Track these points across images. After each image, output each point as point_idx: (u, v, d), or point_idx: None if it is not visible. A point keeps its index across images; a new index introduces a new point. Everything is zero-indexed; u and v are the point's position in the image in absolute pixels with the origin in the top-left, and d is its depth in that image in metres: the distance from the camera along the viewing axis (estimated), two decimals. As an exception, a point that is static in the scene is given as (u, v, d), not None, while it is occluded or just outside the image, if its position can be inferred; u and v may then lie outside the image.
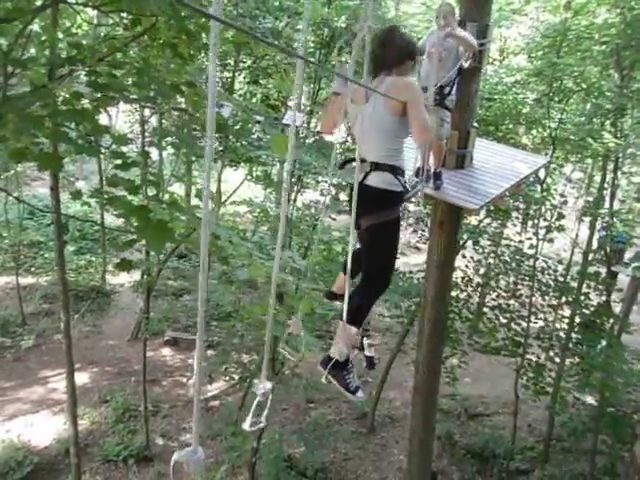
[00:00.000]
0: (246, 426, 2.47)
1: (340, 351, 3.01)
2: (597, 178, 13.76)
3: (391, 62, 3.05)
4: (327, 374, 3.04)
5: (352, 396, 2.99)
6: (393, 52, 3.06)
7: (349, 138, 7.97)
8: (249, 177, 12.32)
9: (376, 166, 3.04)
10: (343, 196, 10.57)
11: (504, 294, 10.76)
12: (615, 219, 10.85)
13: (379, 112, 2.99)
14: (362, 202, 2.80)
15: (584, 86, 10.62)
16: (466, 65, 5.02)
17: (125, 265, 3.28)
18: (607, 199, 11.77)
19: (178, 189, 14.10)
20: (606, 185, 12.11)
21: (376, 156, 3.04)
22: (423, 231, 12.47)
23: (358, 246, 3.25)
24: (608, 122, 11.01)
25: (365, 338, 3.69)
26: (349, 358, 3.07)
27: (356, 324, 3.12)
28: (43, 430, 10.66)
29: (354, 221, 2.84)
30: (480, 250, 10.84)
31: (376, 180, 3.03)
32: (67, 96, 2.90)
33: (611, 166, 11.80)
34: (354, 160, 5.85)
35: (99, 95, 2.90)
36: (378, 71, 3.12)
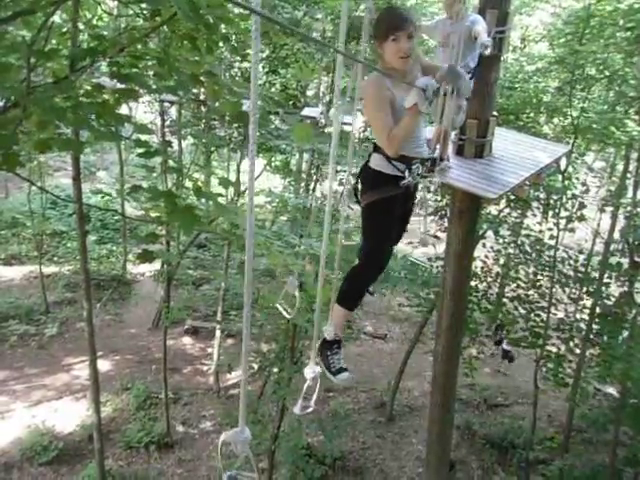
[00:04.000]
0: (297, 410, 2.47)
1: (328, 330, 2.98)
2: (620, 167, 13.56)
3: (375, 48, 2.81)
4: (317, 352, 3.03)
5: (332, 377, 2.90)
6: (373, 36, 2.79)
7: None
8: (268, 167, 12.34)
9: (374, 147, 2.99)
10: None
11: (524, 285, 10.67)
12: (638, 209, 10.69)
13: None
14: (361, 181, 3.01)
15: (607, 73, 10.44)
16: (487, 52, 4.96)
17: (146, 256, 3.33)
18: (630, 188, 11.60)
19: (197, 178, 14.18)
20: (629, 174, 11.92)
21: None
22: (442, 219, 12.41)
23: None
24: (632, 110, 10.82)
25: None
26: (339, 339, 2.99)
27: (345, 305, 3.00)
28: (67, 416, 10.87)
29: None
30: (500, 240, 10.77)
31: (373, 161, 2.98)
32: (89, 88, 2.94)
33: (634, 155, 11.61)
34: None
35: (121, 87, 2.93)
36: None
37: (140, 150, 3.05)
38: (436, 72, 2.76)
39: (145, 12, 3.75)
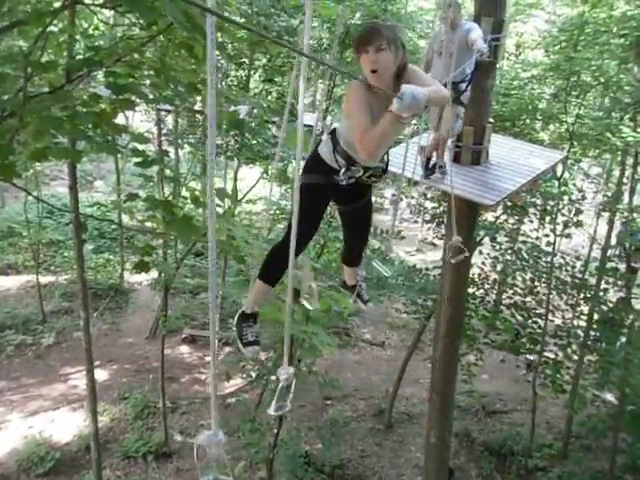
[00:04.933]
0: (271, 411, 2.49)
1: (247, 302, 3.09)
2: (616, 173, 13.61)
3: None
4: (234, 322, 3.10)
5: (242, 347, 3.00)
6: None
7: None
8: (265, 175, 12.35)
9: (330, 132, 2.93)
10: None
11: (521, 291, 10.68)
12: (634, 214, 10.72)
13: None
14: (305, 163, 2.97)
15: (602, 80, 10.49)
16: (483, 58, 4.99)
17: (143, 266, 3.33)
18: (626, 194, 11.64)
19: (195, 187, 14.20)
20: (625, 180, 11.97)
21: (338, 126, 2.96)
22: (439, 226, 12.43)
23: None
24: (627, 116, 10.87)
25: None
26: (255, 313, 3.10)
27: (264, 279, 3.07)
28: (64, 426, 10.81)
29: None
30: (497, 247, 10.78)
31: (321, 145, 2.94)
32: (85, 98, 2.94)
33: (630, 161, 11.66)
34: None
35: (117, 97, 2.93)
36: None
37: (137, 159, 3.05)
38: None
39: (141, 21, 3.76)
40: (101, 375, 11.85)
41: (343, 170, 2.85)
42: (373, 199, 3.38)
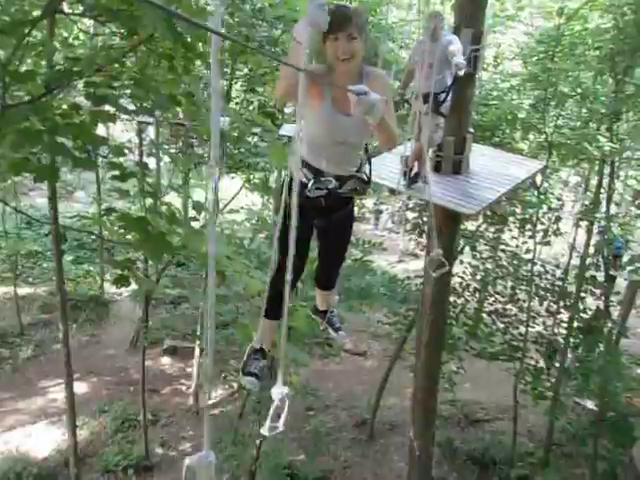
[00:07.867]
0: (264, 431, 2.43)
1: (256, 338, 3.05)
2: (594, 182, 13.80)
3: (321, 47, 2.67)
4: (245, 354, 3.09)
5: (242, 376, 2.99)
6: None
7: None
8: (247, 185, 12.32)
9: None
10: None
11: (502, 299, 10.76)
12: (612, 223, 10.87)
13: None
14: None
15: (579, 91, 10.66)
16: (461, 73, 5.05)
17: (122, 281, 3.31)
18: (604, 203, 11.81)
19: (175, 199, 14.11)
20: (602, 190, 12.14)
21: None
22: (420, 236, 12.49)
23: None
24: (604, 126, 11.05)
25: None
26: (262, 349, 3.04)
27: (266, 316, 2.95)
28: (42, 441, 10.62)
29: None
30: (477, 255, 10.86)
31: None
32: (65, 108, 2.91)
33: (607, 170, 11.84)
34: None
35: (97, 108, 2.91)
36: None
37: (114, 172, 3.03)
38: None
39: (122, 31, 3.75)
40: (80, 388, 11.66)
41: (311, 183, 2.66)
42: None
